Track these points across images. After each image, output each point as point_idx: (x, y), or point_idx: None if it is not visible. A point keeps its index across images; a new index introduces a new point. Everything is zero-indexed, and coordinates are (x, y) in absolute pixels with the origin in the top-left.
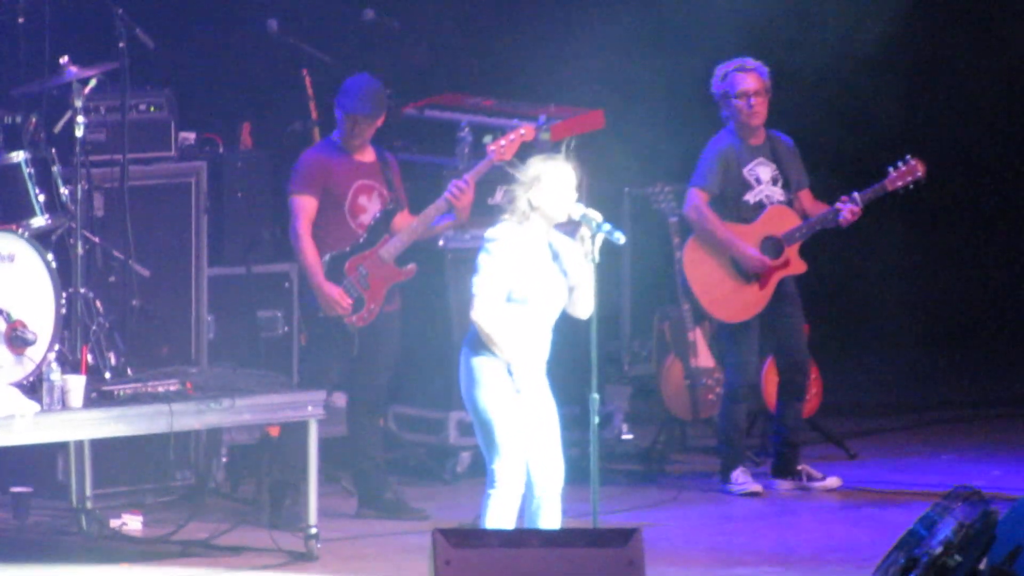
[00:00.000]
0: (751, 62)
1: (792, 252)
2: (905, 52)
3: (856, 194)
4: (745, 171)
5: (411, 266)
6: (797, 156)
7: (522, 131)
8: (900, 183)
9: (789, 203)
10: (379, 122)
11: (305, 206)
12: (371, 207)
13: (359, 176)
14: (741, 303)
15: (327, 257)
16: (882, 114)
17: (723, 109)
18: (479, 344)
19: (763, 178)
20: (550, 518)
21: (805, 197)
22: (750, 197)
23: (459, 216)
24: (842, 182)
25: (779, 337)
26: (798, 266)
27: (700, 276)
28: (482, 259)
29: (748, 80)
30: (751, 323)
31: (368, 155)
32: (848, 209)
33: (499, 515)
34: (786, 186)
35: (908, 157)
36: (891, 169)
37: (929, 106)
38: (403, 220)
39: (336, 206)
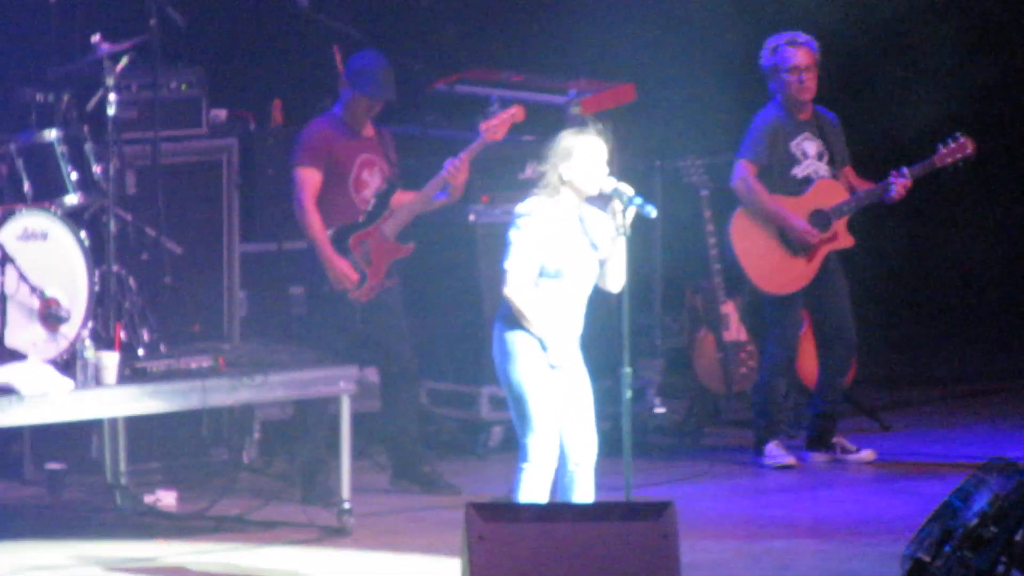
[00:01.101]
0: (801, 36)
1: (840, 226)
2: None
3: (906, 169)
4: (792, 145)
5: (410, 244)
6: (841, 132)
7: (512, 111)
8: (949, 160)
9: (835, 178)
10: None
11: (310, 179)
12: (373, 182)
13: (362, 150)
14: (788, 276)
15: (331, 231)
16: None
17: (771, 82)
18: (512, 319)
19: (810, 152)
20: (583, 492)
21: (849, 173)
22: (798, 171)
23: (453, 194)
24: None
25: (826, 312)
26: (846, 240)
27: (747, 248)
28: (513, 234)
29: (799, 55)
30: (795, 296)
31: (368, 129)
32: (900, 184)
33: (532, 489)
34: (831, 162)
35: (957, 134)
36: (940, 146)
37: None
38: (399, 196)
39: (340, 180)
